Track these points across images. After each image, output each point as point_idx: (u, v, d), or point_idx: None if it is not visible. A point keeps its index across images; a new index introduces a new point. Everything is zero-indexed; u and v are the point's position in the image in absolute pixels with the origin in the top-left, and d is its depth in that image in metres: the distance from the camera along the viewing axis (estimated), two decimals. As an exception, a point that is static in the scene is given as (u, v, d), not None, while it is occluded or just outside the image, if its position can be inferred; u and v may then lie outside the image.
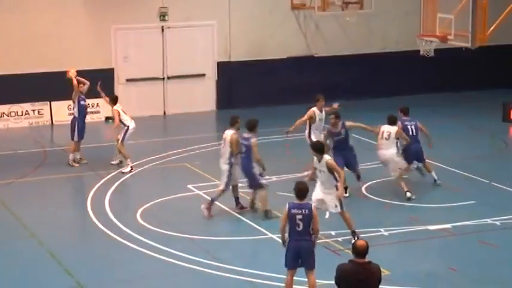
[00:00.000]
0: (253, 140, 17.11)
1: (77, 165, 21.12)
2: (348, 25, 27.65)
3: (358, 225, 16.00)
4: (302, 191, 12.90)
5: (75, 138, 21.16)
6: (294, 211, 12.76)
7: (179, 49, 26.71)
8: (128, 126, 20.60)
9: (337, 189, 15.52)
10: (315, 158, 15.59)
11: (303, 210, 12.72)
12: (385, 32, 28.86)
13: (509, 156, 22.46)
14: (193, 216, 17.52)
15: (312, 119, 19.42)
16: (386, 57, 28.78)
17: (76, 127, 21.15)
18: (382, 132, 18.34)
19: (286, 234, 12.93)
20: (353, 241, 12.75)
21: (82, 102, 21.35)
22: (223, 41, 27.29)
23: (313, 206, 12.93)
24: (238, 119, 17.50)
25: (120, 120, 20.67)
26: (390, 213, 17.50)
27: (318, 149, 15.66)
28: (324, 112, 19.52)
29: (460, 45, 21.68)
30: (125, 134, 20.59)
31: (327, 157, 15.54)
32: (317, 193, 15.59)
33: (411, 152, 18.52)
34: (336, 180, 15.47)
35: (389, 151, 18.21)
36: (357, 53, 28.57)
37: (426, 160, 18.94)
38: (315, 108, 19.53)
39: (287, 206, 12.91)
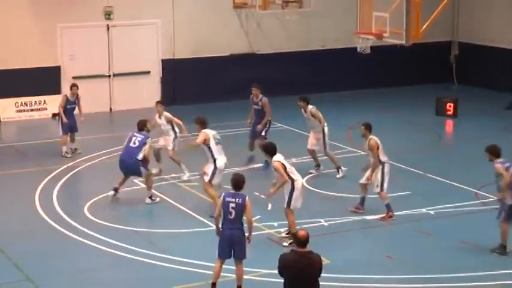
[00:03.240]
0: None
1: (69, 155, 21.39)
2: (288, 23, 28.03)
3: (299, 217, 16.34)
4: (238, 182, 13.34)
5: (60, 132, 21.55)
6: (228, 199, 13.22)
7: (124, 47, 26.90)
8: (177, 133, 20.18)
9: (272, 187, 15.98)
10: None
11: (237, 199, 13.19)
12: (324, 30, 29.27)
13: (443, 148, 23.07)
14: (139, 209, 17.82)
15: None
16: (326, 54, 29.29)
17: (60, 122, 21.58)
18: None
19: (220, 224, 13.36)
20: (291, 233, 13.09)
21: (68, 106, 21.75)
22: (168, 39, 27.51)
23: (247, 197, 13.31)
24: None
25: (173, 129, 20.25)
26: (330, 204, 17.88)
27: (267, 151, 15.91)
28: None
29: (395, 42, 21.90)
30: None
31: (274, 158, 15.69)
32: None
33: None
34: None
35: None
36: (297, 50, 29.00)
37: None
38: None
39: (223, 194, 13.44)
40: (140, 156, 17.93)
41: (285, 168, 15.58)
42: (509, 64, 29.35)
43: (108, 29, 26.83)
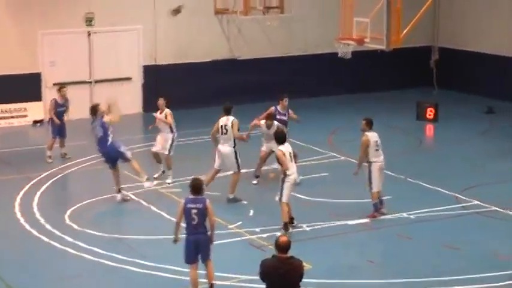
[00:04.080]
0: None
1: (50, 160, 21.36)
2: (270, 29, 28.11)
3: (280, 222, 16.44)
4: (196, 186, 13.36)
5: (51, 135, 21.68)
6: (189, 205, 13.23)
7: (106, 53, 26.89)
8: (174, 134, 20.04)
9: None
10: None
11: (198, 205, 13.21)
12: (305, 36, 29.36)
13: (423, 153, 23.17)
14: (120, 216, 17.85)
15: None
16: (307, 60, 29.44)
17: (51, 126, 21.68)
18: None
19: (183, 230, 13.43)
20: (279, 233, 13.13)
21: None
22: (149, 45, 27.54)
23: (207, 200, 13.34)
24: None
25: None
26: (311, 209, 17.90)
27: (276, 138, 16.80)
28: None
29: (376, 47, 22.08)
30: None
31: (280, 147, 16.44)
32: None
33: None
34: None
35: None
36: (279, 56, 29.10)
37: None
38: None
39: (183, 201, 13.42)
40: (109, 141, 18.16)
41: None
42: (488, 68, 29.56)
43: (89, 35, 26.82)
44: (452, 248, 15.72)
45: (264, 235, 16.27)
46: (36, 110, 23.66)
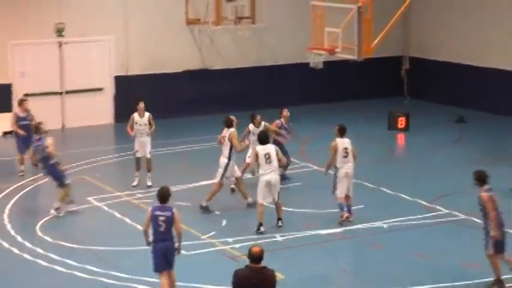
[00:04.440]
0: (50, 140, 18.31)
1: (21, 174, 21.23)
2: (241, 39, 28.12)
3: (253, 232, 16.57)
4: (163, 195, 13.42)
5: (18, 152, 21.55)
6: (156, 213, 13.30)
7: (77, 64, 26.84)
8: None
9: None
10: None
11: (165, 213, 13.28)
12: (276, 46, 29.47)
13: (395, 163, 23.31)
14: (92, 227, 17.73)
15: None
16: (279, 70, 29.53)
17: (16, 142, 21.59)
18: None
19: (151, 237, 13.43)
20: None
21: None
22: (121, 55, 27.50)
23: (175, 209, 13.41)
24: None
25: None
26: (284, 219, 17.73)
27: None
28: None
29: (347, 57, 22.02)
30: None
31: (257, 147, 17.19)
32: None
33: None
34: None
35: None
36: (250, 66, 29.19)
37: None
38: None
39: (150, 208, 13.47)
40: (51, 161, 18.18)
41: (257, 157, 16.90)
42: (458, 78, 29.78)
43: (60, 45, 26.73)
44: (423, 257, 15.77)
45: (237, 245, 16.26)
46: (6, 121, 23.42)
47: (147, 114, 20.31)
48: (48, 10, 26.32)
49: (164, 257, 13.35)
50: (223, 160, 18.39)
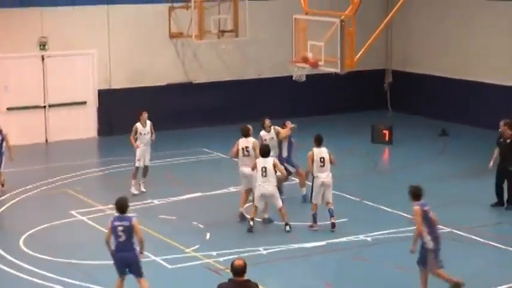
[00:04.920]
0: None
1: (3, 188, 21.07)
2: (224, 52, 28.24)
3: (237, 245, 16.55)
4: (122, 205, 13.57)
5: None
6: (116, 223, 13.43)
7: (60, 77, 26.76)
8: None
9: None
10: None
11: (124, 222, 13.39)
12: (259, 59, 29.53)
13: (379, 175, 23.33)
14: (75, 241, 17.65)
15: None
16: (262, 83, 29.60)
17: None
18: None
19: (113, 247, 13.55)
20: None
21: None
22: (104, 69, 27.45)
23: (133, 218, 13.50)
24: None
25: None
26: (268, 232, 17.94)
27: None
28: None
29: (330, 70, 21.93)
30: None
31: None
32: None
33: None
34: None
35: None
36: (234, 79, 29.23)
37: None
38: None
39: (111, 219, 13.59)
40: None
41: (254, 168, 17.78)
42: (440, 91, 29.92)
43: (43, 59, 26.66)
44: (406, 270, 15.76)
45: (221, 259, 16.25)
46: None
47: (149, 122, 20.74)
48: (31, 24, 26.30)
49: (124, 266, 13.55)
50: (247, 170, 18.36)
